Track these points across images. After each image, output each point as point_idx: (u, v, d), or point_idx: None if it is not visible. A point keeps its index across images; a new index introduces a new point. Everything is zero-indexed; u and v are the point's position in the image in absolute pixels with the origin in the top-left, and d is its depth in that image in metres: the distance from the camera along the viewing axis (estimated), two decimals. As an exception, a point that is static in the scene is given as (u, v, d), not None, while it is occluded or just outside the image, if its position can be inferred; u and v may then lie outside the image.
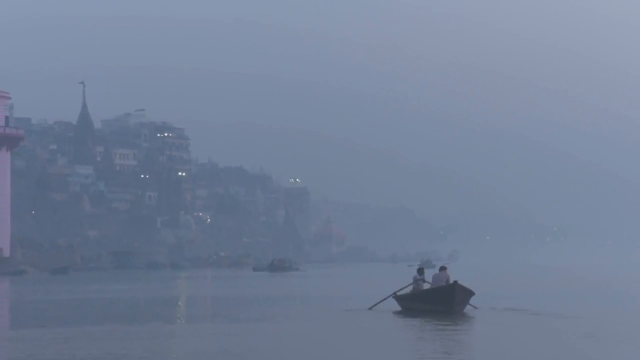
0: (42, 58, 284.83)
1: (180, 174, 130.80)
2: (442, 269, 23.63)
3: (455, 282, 22.25)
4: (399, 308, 23.89)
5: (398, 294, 24.19)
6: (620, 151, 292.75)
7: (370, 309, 24.21)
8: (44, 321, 22.74)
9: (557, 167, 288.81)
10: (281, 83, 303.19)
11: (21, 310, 29.19)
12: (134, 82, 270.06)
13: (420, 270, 24.22)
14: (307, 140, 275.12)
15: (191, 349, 15.62)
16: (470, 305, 23.27)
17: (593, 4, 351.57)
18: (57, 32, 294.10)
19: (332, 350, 15.73)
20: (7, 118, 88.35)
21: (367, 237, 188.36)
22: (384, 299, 24.39)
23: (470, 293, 22.74)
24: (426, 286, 23.72)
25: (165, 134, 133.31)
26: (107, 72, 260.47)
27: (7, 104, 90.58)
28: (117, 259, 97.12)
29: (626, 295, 34.97)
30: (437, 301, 22.26)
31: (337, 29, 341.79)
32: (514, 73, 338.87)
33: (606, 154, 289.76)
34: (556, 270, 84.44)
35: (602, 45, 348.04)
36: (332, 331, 19.04)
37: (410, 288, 24.00)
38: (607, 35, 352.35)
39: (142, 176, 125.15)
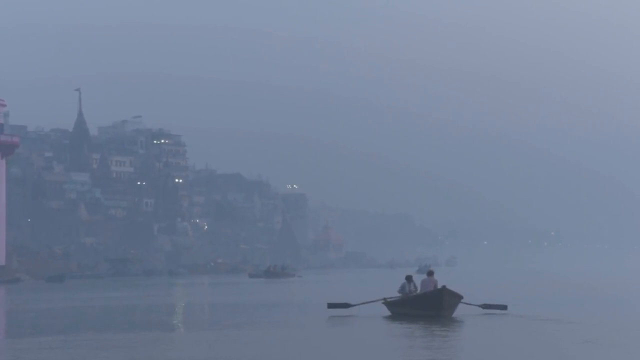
0: (37, 65, 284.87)
1: (177, 180, 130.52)
2: (430, 274, 23.79)
3: (444, 286, 22.40)
4: (388, 313, 24.06)
5: (388, 300, 24.29)
6: (618, 157, 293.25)
7: (350, 307, 24.52)
8: (39, 330, 22.62)
9: (554, 172, 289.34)
10: (278, 90, 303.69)
11: (16, 318, 29.03)
12: (130, 89, 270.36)
13: (409, 278, 24.32)
14: (304, 147, 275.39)
15: (180, 357, 15.46)
16: (479, 306, 23.64)
17: (593, 10, 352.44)
18: (53, 39, 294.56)
19: (323, 357, 15.58)
20: (2, 125, 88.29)
21: (366, 243, 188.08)
22: (370, 302, 24.57)
23: (458, 297, 22.81)
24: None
25: (162, 141, 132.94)
26: (103, 79, 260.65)
27: (3, 111, 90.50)
28: (114, 266, 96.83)
29: (623, 300, 34.86)
30: (426, 306, 22.35)
31: (336, 35, 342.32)
32: (512, 80, 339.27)
33: (603, 160, 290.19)
34: (553, 275, 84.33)
35: (600, 52, 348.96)
36: (322, 337, 18.93)
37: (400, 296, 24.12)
38: (606, 42, 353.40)
39: (139, 183, 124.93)
